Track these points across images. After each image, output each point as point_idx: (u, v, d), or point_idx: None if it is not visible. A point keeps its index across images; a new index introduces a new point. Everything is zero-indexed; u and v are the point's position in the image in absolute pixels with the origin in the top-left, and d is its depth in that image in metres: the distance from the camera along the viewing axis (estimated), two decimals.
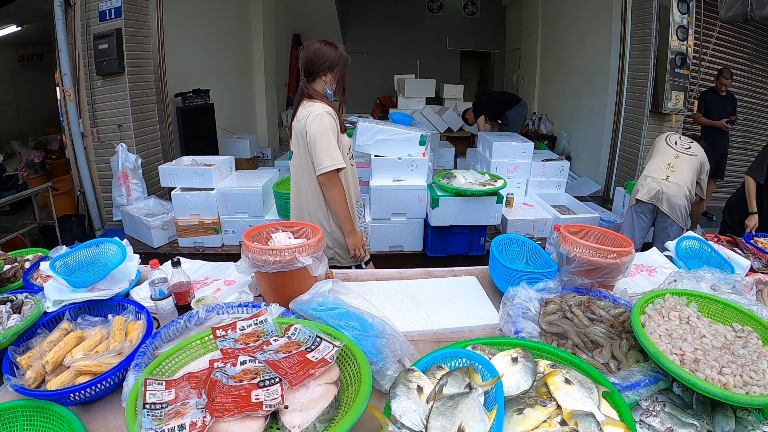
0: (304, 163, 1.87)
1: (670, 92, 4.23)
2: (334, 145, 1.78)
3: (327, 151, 1.76)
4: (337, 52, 1.86)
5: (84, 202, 4.07)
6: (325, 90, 1.89)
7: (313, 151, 1.79)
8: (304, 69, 1.87)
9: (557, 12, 6.69)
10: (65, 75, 3.74)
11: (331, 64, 1.85)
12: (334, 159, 1.77)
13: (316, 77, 1.86)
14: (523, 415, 0.86)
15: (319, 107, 1.81)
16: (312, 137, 1.78)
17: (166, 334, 1.18)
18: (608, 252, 1.37)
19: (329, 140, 1.77)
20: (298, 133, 1.85)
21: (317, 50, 1.83)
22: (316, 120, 1.77)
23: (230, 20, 5.92)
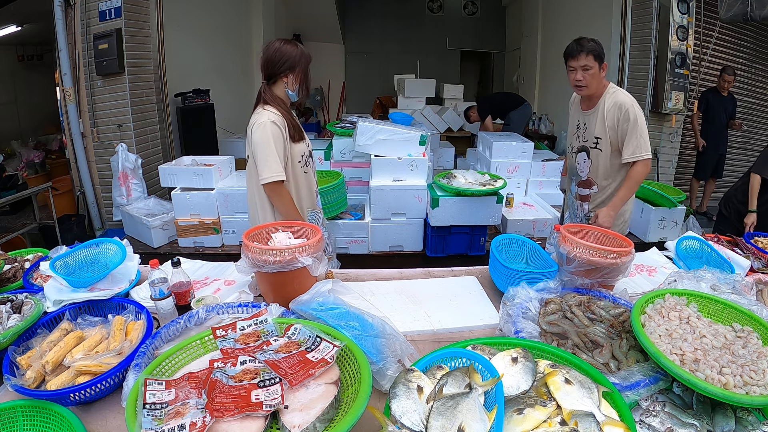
0: (252, 169, 1.86)
1: (670, 92, 4.23)
2: (273, 156, 1.74)
3: (266, 162, 1.75)
4: (298, 51, 1.81)
5: (84, 202, 4.07)
6: (287, 91, 1.86)
7: (255, 160, 1.78)
8: (264, 71, 1.82)
9: (557, 12, 6.69)
10: (65, 75, 3.74)
11: (292, 64, 1.80)
12: (273, 171, 1.75)
13: (278, 79, 1.82)
14: (523, 415, 0.86)
15: (266, 116, 1.76)
16: (254, 147, 1.77)
17: (166, 334, 1.18)
18: (608, 252, 1.37)
19: (270, 151, 1.74)
20: (247, 139, 1.85)
21: (277, 50, 1.78)
22: (259, 129, 1.75)
23: (230, 20, 5.92)
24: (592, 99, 2.15)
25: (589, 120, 2.17)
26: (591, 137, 2.17)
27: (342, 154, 3.68)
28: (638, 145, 2.01)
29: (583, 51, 1.99)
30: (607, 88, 2.11)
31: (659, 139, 4.52)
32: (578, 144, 2.28)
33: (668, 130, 4.49)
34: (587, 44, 2.00)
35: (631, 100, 2.03)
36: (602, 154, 2.15)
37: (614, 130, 2.06)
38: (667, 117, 4.41)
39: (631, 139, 2.02)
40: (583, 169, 2.27)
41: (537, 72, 7.44)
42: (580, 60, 2.01)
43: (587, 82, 2.05)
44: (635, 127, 2.00)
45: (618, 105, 2.02)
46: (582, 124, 2.23)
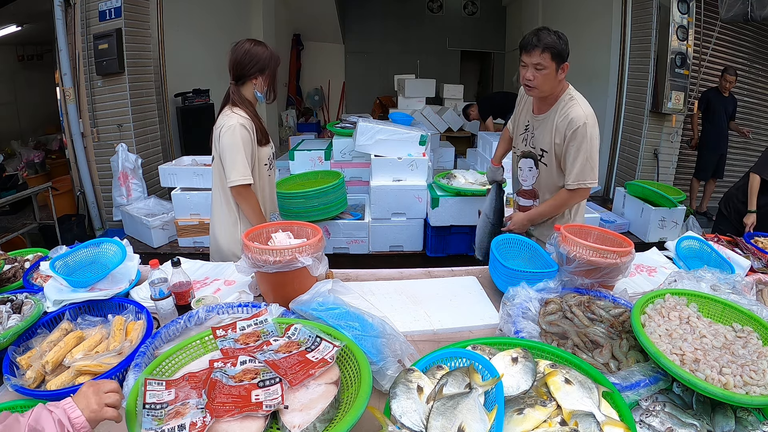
0: (217, 170, 1.86)
1: (670, 92, 4.23)
2: (242, 159, 1.75)
3: (234, 165, 1.75)
4: (268, 52, 1.80)
5: (84, 202, 4.07)
6: (255, 93, 1.84)
7: (223, 162, 1.79)
8: (232, 72, 1.81)
9: (557, 12, 6.69)
10: (65, 75, 3.74)
11: (262, 66, 1.79)
12: (241, 174, 1.75)
13: (246, 80, 1.81)
14: (523, 415, 0.86)
15: (235, 119, 1.76)
16: (222, 149, 1.77)
17: (166, 334, 1.18)
18: (608, 252, 1.37)
19: (238, 154, 1.74)
20: (214, 140, 1.83)
21: (247, 51, 1.77)
22: (228, 132, 1.74)
23: (230, 20, 5.92)
24: (545, 102, 1.81)
25: (538, 128, 1.85)
26: (537, 147, 1.87)
27: (342, 154, 3.68)
28: (583, 171, 1.72)
29: (539, 46, 1.64)
30: (564, 94, 1.77)
31: (659, 139, 4.52)
32: (524, 148, 1.94)
33: (668, 130, 4.49)
34: (546, 38, 1.64)
35: (586, 115, 1.70)
36: (546, 169, 1.86)
37: (561, 147, 1.76)
38: (667, 117, 4.41)
39: (576, 163, 1.71)
40: (527, 177, 1.97)
41: None
42: (533, 56, 1.67)
43: (537, 84, 1.70)
44: (581, 148, 1.69)
45: (569, 121, 1.70)
46: (531, 128, 1.89)
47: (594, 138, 1.71)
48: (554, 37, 1.65)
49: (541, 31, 1.67)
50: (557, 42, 1.65)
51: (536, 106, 1.87)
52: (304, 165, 3.66)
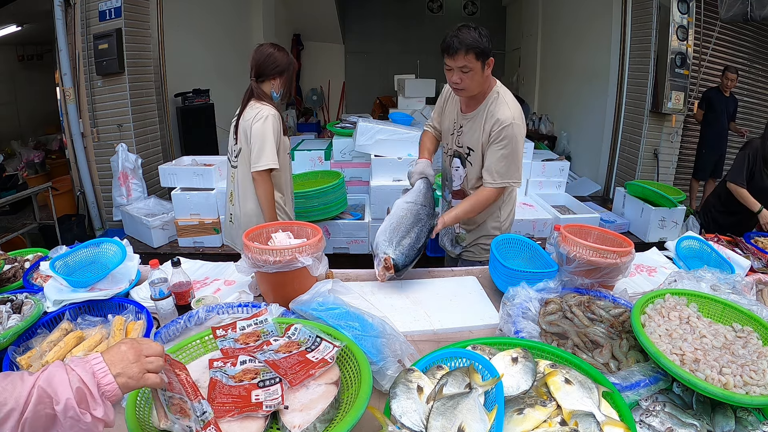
0: (247, 159, 1.99)
1: (670, 92, 4.23)
2: (272, 147, 1.91)
3: (263, 152, 1.90)
4: (288, 59, 2.00)
5: (84, 202, 4.07)
6: (272, 92, 2.01)
7: (252, 149, 1.93)
8: (254, 70, 1.99)
9: (557, 12, 6.69)
10: (65, 75, 3.74)
11: (281, 69, 1.98)
12: (269, 160, 1.91)
13: (265, 80, 1.99)
14: (523, 415, 0.86)
15: (266, 110, 1.93)
16: (254, 136, 1.92)
17: (166, 334, 1.18)
18: (608, 252, 1.37)
19: (267, 142, 1.90)
20: (244, 131, 1.97)
21: (270, 55, 1.96)
22: (260, 121, 1.91)
23: (230, 20, 5.92)
24: (473, 100, 1.76)
25: (466, 126, 1.80)
26: (464, 146, 1.82)
27: (342, 154, 3.68)
28: (509, 170, 1.70)
29: (461, 48, 1.56)
30: (491, 92, 1.72)
31: (659, 139, 4.52)
32: (453, 147, 1.88)
33: (668, 130, 4.49)
34: (468, 38, 1.55)
35: (513, 116, 1.66)
36: (471, 169, 1.82)
37: (486, 146, 1.73)
38: (667, 117, 4.41)
39: (502, 161, 1.69)
40: (455, 177, 1.92)
41: (537, 72, 7.44)
42: (457, 59, 1.58)
43: (466, 85, 1.64)
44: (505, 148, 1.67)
45: (495, 120, 1.67)
46: (458, 127, 1.84)
47: (521, 137, 1.69)
48: (476, 34, 1.57)
49: (462, 31, 1.57)
50: (480, 40, 1.57)
51: (464, 104, 1.81)
52: (304, 165, 3.66)
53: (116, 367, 0.62)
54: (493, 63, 1.65)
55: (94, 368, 0.60)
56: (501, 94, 1.72)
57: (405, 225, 1.64)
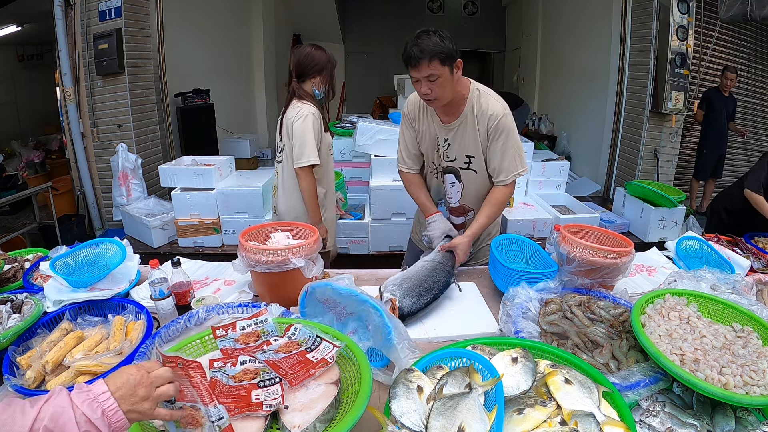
0: (290, 155, 2.08)
1: (670, 92, 4.23)
2: (312, 144, 2.00)
3: (304, 148, 2.00)
4: (326, 56, 2.05)
5: (84, 202, 4.07)
6: (314, 90, 2.08)
7: (294, 146, 2.03)
8: (295, 70, 2.07)
9: (557, 12, 6.69)
10: (65, 75, 3.74)
11: (320, 68, 2.04)
12: (310, 156, 2.00)
13: (306, 79, 2.06)
14: (523, 415, 0.86)
15: (307, 109, 2.02)
16: (296, 134, 2.01)
17: (166, 334, 1.18)
18: (608, 252, 1.37)
19: (310, 139, 2.00)
20: (286, 129, 2.07)
21: (308, 54, 2.03)
22: (301, 119, 2.00)
23: (230, 20, 5.92)
24: (452, 107, 1.64)
25: (454, 135, 1.67)
26: (461, 156, 1.69)
27: (342, 154, 3.68)
28: (515, 161, 1.64)
29: (424, 57, 1.45)
30: (470, 92, 1.63)
31: (659, 139, 4.52)
32: (443, 163, 1.75)
33: (668, 130, 4.49)
34: (428, 45, 1.45)
35: (503, 107, 1.61)
36: (475, 177, 1.71)
37: (486, 145, 1.65)
38: (667, 117, 4.41)
39: (506, 157, 1.63)
40: (452, 194, 1.79)
41: (537, 72, 7.44)
42: (422, 69, 1.47)
43: (437, 94, 1.52)
44: (507, 140, 1.61)
45: (489, 116, 1.60)
46: (443, 140, 1.70)
47: (514, 126, 1.64)
48: (437, 39, 1.45)
49: (421, 38, 1.46)
50: (442, 44, 1.45)
51: (443, 115, 1.68)
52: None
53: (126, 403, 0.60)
54: (462, 64, 1.54)
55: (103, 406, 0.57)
56: (482, 90, 1.64)
57: (419, 276, 1.48)
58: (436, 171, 1.79)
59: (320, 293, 1.23)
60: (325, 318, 1.23)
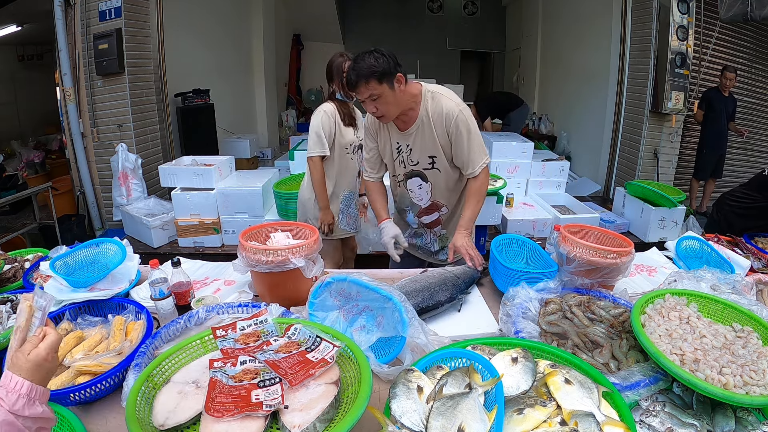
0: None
1: (670, 92, 4.23)
2: (319, 137, 2.21)
3: (311, 141, 2.25)
4: (335, 65, 2.21)
5: (84, 202, 4.07)
6: (336, 92, 2.28)
7: (308, 139, 2.29)
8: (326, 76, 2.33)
9: (557, 12, 6.70)
10: (65, 75, 3.74)
11: (331, 75, 2.26)
12: (314, 148, 2.24)
13: (330, 83, 2.31)
14: (523, 415, 0.86)
15: (322, 107, 2.24)
16: (309, 128, 2.28)
17: (166, 334, 1.18)
18: (608, 252, 1.37)
19: (317, 133, 2.22)
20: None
21: (330, 63, 2.25)
22: (314, 115, 2.26)
23: (230, 20, 5.92)
24: (406, 115, 1.68)
25: (414, 140, 1.71)
26: (423, 158, 1.73)
27: None
28: (479, 152, 1.68)
29: (361, 80, 1.51)
30: (422, 96, 1.66)
31: (659, 139, 4.52)
32: (405, 170, 1.80)
33: (668, 130, 4.49)
34: (362, 67, 1.51)
35: (457, 104, 1.64)
36: (440, 174, 1.76)
37: (447, 143, 1.68)
38: (667, 117, 4.41)
39: (472, 150, 1.66)
40: (421, 195, 1.84)
41: (537, 72, 7.45)
42: (361, 92, 1.54)
43: (383, 111, 1.58)
44: (469, 135, 1.64)
45: (445, 115, 1.63)
46: (405, 146, 1.74)
47: (471, 118, 1.66)
48: (371, 59, 1.51)
49: (357, 62, 1.53)
50: (375, 63, 1.50)
51: (399, 124, 1.72)
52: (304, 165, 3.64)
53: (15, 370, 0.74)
54: (404, 78, 1.57)
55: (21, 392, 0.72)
56: (433, 92, 1.66)
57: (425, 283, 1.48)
58: (399, 178, 1.86)
59: (337, 286, 1.30)
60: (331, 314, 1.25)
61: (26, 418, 0.71)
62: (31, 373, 0.75)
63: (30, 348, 0.78)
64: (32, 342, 0.79)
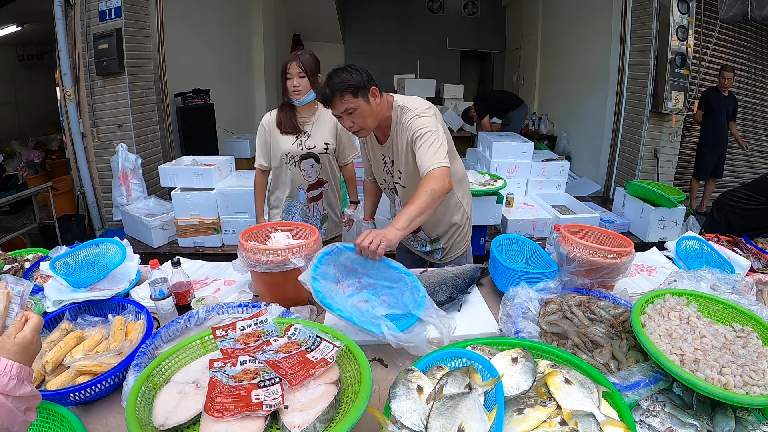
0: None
1: (670, 92, 4.23)
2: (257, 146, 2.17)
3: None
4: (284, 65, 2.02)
5: (84, 202, 4.07)
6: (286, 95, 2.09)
7: None
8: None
9: (557, 12, 6.70)
10: (65, 75, 3.74)
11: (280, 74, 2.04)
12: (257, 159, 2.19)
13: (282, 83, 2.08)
14: (523, 415, 0.86)
15: (265, 115, 2.15)
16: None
17: (166, 334, 1.18)
18: (608, 252, 1.37)
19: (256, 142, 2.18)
20: None
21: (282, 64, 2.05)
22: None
23: (230, 20, 5.92)
24: (382, 128, 1.68)
25: (391, 153, 1.72)
26: (397, 172, 1.74)
27: None
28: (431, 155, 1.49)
29: (335, 95, 1.50)
30: (393, 111, 1.64)
31: (659, 139, 4.52)
32: (395, 178, 1.78)
33: (668, 130, 4.49)
34: (336, 83, 1.49)
35: (416, 109, 1.58)
36: (406, 189, 1.74)
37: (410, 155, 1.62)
38: (667, 117, 4.41)
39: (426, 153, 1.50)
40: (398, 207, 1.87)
41: (537, 72, 7.45)
42: (337, 107, 1.53)
43: (360, 124, 1.56)
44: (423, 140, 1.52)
45: (402, 125, 1.60)
46: (387, 158, 1.75)
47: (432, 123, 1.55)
48: (345, 75, 1.50)
49: (330, 78, 1.52)
50: (349, 78, 1.50)
51: (379, 136, 1.74)
52: None
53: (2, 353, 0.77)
54: (378, 91, 1.56)
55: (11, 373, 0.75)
56: (402, 103, 1.63)
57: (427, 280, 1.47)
58: (390, 188, 1.86)
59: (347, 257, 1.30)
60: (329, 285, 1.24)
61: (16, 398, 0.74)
62: (19, 355, 0.78)
63: (14, 331, 0.81)
64: (16, 326, 0.82)
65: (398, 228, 1.33)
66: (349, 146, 2.24)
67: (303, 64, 1.95)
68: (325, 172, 2.19)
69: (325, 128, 2.13)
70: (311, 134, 2.10)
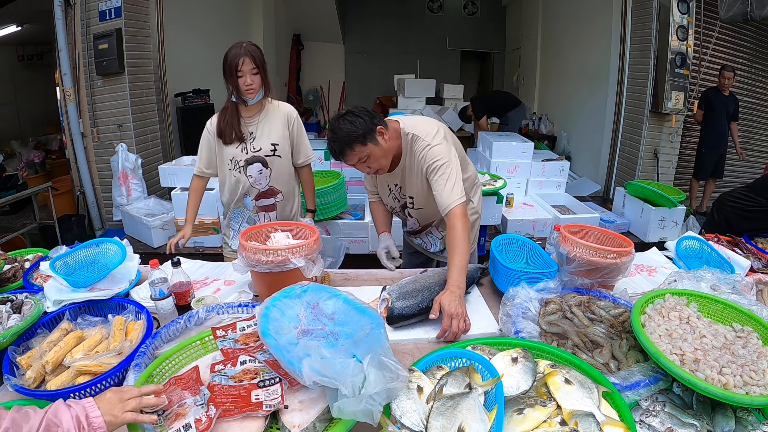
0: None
1: (670, 92, 4.23)
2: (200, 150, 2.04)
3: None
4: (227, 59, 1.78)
5: (84, 202, 4.06)
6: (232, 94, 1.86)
7: None
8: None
9: (557, 12, 6.70)
10: (65, 75, 3.74)
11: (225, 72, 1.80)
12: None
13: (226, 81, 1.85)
14: (523, 415, 0.86)
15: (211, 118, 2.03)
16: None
17: (166, 334, 1.18)
18: (608, 252, 1.37)
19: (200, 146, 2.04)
20: None
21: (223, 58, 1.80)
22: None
23: (230, 20, 5.92)
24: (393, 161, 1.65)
25: (402, 179, 1.71)
26: (406, 197, 1.75)
27: None
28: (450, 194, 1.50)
29: (346, 148, 1.49)
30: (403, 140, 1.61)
31: (659, 139, 4.52)
32: (398, 204, 1.82)
33: (668, 130, 4.49)
34: (343, 137, 1.48)
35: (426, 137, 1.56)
36: (423, 211, 1.78)
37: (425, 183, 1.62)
38: (667, 117, 4.41)
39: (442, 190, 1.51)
40: (412, 225, 1.91)
41: (537, 72, 7.44)
42: (349, 158, 1.52)
43: (377, 166, 1.57)
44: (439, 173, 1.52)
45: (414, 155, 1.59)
46: (394, 186, 1.76)
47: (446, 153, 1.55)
48: (348, 125, 1.48)
49: (334, 132, 1.50)
50: (353, 128, 1.47)
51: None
52: None
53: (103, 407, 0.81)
54: (384, 128, 1.53)
55: (86, 406, 0.81)
56: (411, 131, 1.59)
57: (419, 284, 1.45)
58: (395, 210, 1.88)
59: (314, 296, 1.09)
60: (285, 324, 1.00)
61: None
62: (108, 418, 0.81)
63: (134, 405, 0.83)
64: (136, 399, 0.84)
65: (460, 286, 1.36)
66: (303, 146, 2.00)
67: (255, 60, 1.75)
68: (277, 180, 1.94)
69: (273, 127, 1.90)
70: (257, 135, 1.89)
